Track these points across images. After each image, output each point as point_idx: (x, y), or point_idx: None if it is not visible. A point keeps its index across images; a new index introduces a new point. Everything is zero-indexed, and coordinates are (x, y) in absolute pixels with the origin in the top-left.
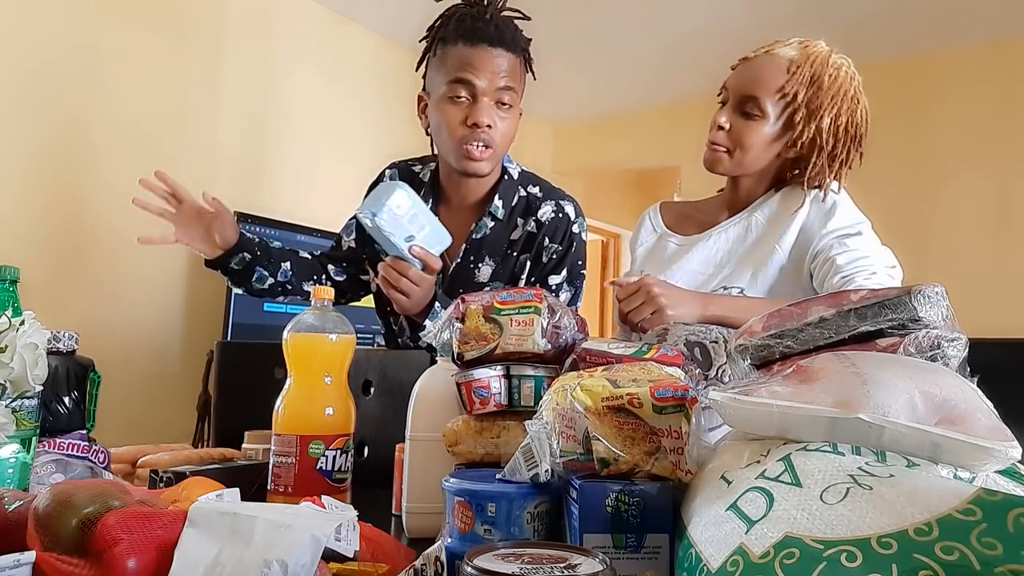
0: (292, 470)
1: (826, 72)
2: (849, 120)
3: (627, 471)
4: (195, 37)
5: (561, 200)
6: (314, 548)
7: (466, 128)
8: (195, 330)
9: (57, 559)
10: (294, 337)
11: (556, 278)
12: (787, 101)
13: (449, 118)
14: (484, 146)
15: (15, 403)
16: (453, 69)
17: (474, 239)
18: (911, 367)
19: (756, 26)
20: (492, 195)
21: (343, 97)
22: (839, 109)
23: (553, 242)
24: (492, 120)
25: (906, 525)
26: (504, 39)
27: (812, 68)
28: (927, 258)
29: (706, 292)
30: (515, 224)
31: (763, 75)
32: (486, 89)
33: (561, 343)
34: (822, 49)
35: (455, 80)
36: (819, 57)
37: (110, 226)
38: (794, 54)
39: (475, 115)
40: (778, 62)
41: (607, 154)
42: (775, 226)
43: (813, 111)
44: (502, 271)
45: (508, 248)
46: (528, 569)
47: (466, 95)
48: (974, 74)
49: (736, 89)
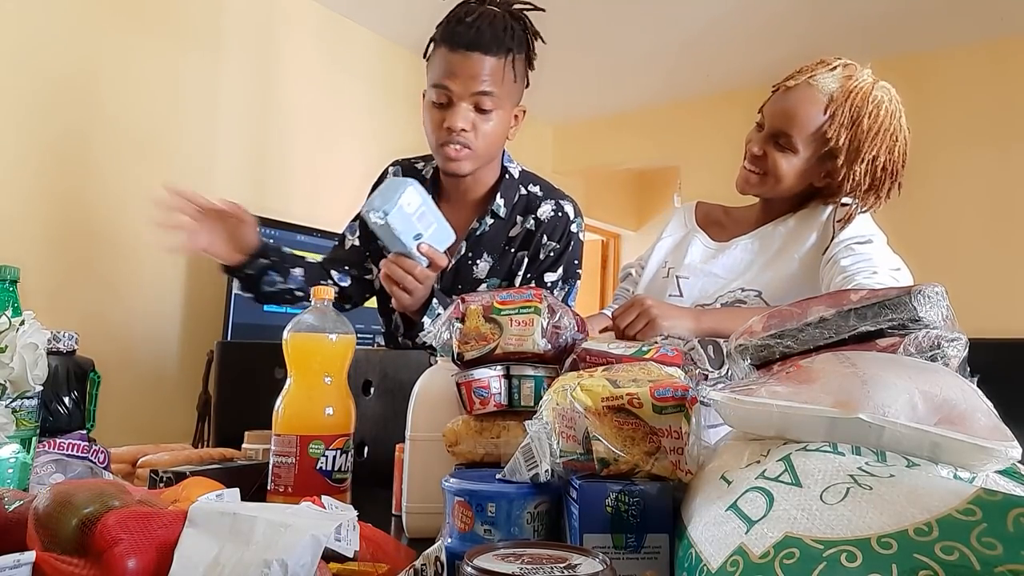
0: (292, 470)
1: (866, 110)
2: (888, 159)
3: (627, 471)
4: (195, 38)
5: (561, 199)
6: (314, 548)
7: (442, 131)
8: (195, 330)
9: (57, 559)
10: (294, 337)
11: (552, 275)
12: (825, 143)
13: (431, 121)
14: (460, 147)
15: (15, 403)
16: (434, 74)
17: (475, 236)
18: (911, 367)
19: (756, 26)
20: (493, 193)
21: (343, 97)
22: (878, 150)
23: (551, 240)
24: (467, 124)
25: (906, 525)
26: (482, 43)
27: (852, 108)
28: (927, 258)
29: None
30: (514, 222)
31: (800, 112)
32: (462, 94)
33: (561, 343)
34: (864, 83)
35: (435, 85)
36: (860, 93)
37: (110, 226)
38: (835, 87)
39: (450, 119)
40: (817, 98)
41: (607, 154)
42: (795, 239)
43: (852, 153)
44: (499, 267)
45: (506, 245)
46: (528, 569)
47: (445, 99)
48: (974, 74)
49: (772, 120)
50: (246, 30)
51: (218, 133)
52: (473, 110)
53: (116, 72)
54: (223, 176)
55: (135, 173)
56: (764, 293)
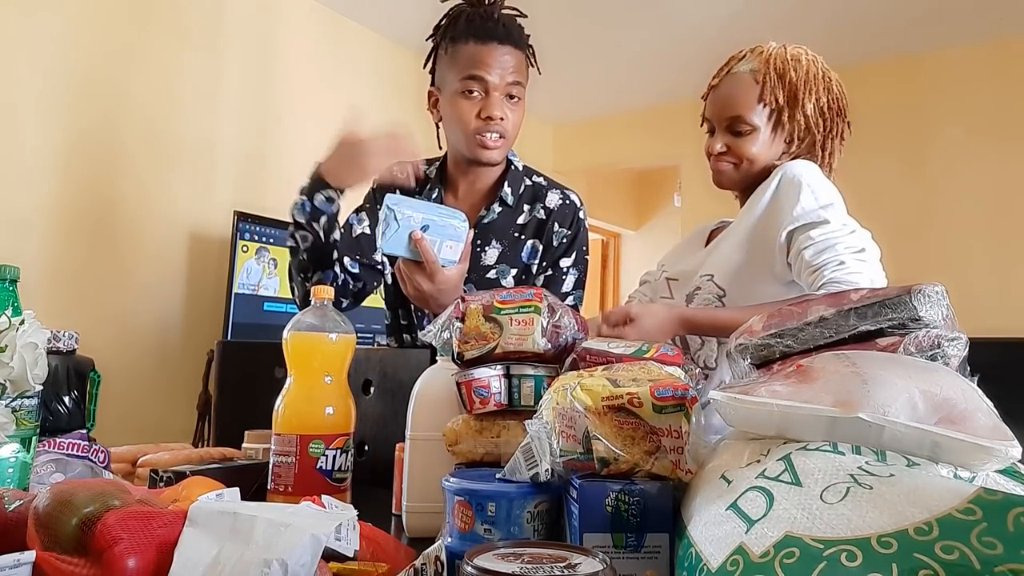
0: (292, 470)
1: (789, 65)
2: (829, 97)
3: (627, 470)
4: (195, 37)
5: (565, 189)
6: (314, 548)
7: (480, 121)
8: (195, 330)
9: (57, 559)
10: (294, 336)
11: (567, 261)
12: (770, 107)
13: (463, 112)
14: (498, 136)
15: (15, 403)
16: (465, 66)
17: (482, 224)
18: (911, 366)
19: (756, 25)
20: (501, 183)
21: (343, 96)
22: (816, 93)
23: (563, 227)
24: (504, 113)
25: (906, 524)
26: (512, 37)
27: (776, 70)
28: (927, 258)
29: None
30: (522, 210)
31: (736, 94)
32: (497, 84)
33: (561, 342)
34: (777, 48)
35: (468, 76)
36: (777, 56)
37: (110, 226)
38: (754, 64)
39: (488, 109)
40: (743, 78)
41: (607, 154)
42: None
43: (794, 104)
44: (509, 253)
45: (515, 232)
46: (528, 569)
47: (479, 90)
48: (974, 74)
49: (718, 116)
50: (246, 29)
51: (218, 133)
52: (506, 100)
53: (116, 72)
54: (222, 175)
55: (134, 173)
56: (716, 276)
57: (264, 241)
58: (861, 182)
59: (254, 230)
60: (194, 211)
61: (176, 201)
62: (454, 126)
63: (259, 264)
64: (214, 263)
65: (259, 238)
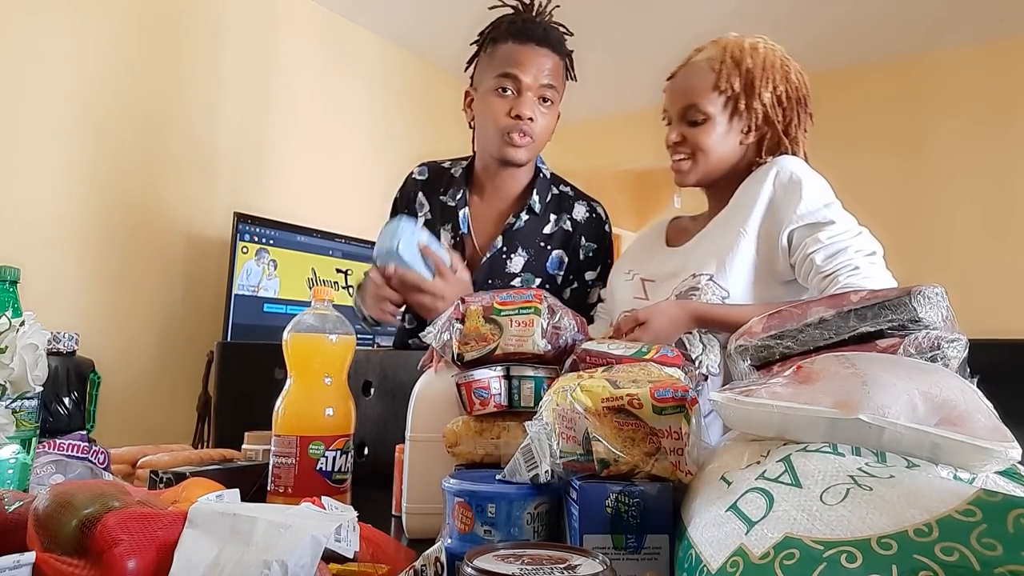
0: (292, 471)
1: (746, 53)
2: (787, 87)
3: (627, 472)
4: (195, 38)
5: (592, 201)
6: (314, 549)
7: (510, 119)
8: (195, 330)
9: (57, 560)
10: (294, 337)
11: (592, 274)
12: (726, 95)
13: (494, 109)
14: (526, 134)
15: (15, 403)
16: (501, 64)
17: (511, 231)
18: (911, 368)
19: (756, 26)
20: (530, 190)
21: (343, 97)
22: (774, 81)
23: (590, 241)
24: (534, 114)
25: (906, 526)
26: (551, 40)
27: (732, 57)
28: (926, 258)
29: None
30: (548, 219)
31: (692, 83)
32: (530, 85)
33: (561, 344)
34: (735, 38)
35: (502, 74)
36: (735, 44)
37: (110, 226)
38: (711, 53)
39: (519, 107)
40: (700, 67)
41: (607, 154)
42: (740, 209)
43: (751, 92)
44: (535, 263)
45: (542, 241)
46: (528, 570)
47: (512, 89)
48: (973, 74)
49: (674, 105)
50: (246, 29)
51: (218, 133)
52: (538, 102)
53: (116, 73)
54: (222, 175)
55: (134, 174)
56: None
57: (264, 242)
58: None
59: (254, 231)
60: (194, 212)
61: (176, 202)
62: (484, 123)
63: (259, 265)
64: (214, 264)
65: (259, 239)
